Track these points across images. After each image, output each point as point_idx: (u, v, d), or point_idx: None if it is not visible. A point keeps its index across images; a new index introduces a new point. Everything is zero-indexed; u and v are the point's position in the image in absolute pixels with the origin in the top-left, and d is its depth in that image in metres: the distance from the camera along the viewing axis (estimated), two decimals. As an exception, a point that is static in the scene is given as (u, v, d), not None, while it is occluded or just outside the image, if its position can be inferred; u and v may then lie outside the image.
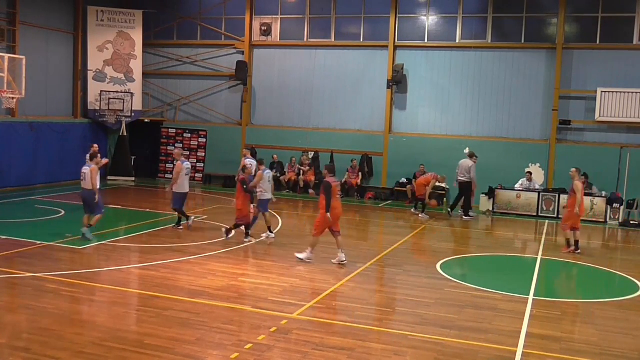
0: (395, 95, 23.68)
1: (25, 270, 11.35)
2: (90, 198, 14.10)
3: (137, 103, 25.95)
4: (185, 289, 10.56)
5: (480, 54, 22.75)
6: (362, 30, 24.26)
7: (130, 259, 12.84)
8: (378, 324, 9.44)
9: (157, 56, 27.00)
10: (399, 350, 8.16)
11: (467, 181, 19.81)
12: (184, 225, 15.83)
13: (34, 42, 22.93)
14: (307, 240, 15.33)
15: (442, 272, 12.56)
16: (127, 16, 25.88)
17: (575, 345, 8.74)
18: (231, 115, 26.14)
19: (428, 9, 23.42)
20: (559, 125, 21.71)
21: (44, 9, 23.61)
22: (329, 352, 7.99)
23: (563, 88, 21.71)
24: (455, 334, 8.88)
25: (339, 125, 24.52)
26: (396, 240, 15.79)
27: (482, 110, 22.81)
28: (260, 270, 12.21)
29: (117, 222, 16.69)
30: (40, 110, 23.22)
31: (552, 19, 22.14)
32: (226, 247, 13.99)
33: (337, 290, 10.94)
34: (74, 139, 24.20)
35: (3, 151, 21.13)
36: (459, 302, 10.53)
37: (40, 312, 9.13)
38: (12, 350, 7.63)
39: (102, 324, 8.77)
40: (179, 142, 26.62)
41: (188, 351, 7.83)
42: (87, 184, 14.03)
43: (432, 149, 22.54)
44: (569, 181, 20.72)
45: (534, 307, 10.35)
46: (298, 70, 25.06)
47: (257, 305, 9.82)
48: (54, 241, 13.66)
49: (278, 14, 25.28)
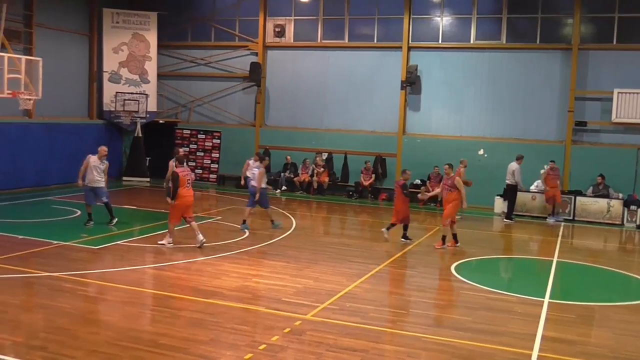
0: (409, 96, 23.63)
1: (42, 270, 11.43)
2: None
3: (151, 104, 26.10)
4: (199, 290, 10.59)
5: (494, 54, 22.65)
6: (375, 31, 24.24)
7: (144, 259, 12.90)
8: (391, 325, 9.42)
9: (172, 58, 27.14)
10: (413, 352, 8.14)
11: (512, 184, 19.71)
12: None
13: (50, 44, 23.12)
14: (319, 242, 15.38)
15: (457, 274, 12.51)
16: (141, 18, 26.03)
17: (591, 348, 8.67)
18: (245, 117, 26.21)
19: (442, 10, 23.36)
20: (575, 126, 21.56)
21: (60, 11, 23.82)
22: (342, 353, 7.98)
23: (579, 89, 21.56)
24: (469, 336, 8.83)
25: (352, 127, 24.50)
26: (410, 242, 15.74)
27: (497, 111, 22.71)
28: (274, 271, 12.22)
29: (131, 223, 16.78)
30: (56, 112, 23.41)
31: (567, 19, 22.00)
32: (240, 248, 14.02)
33: (350, 291, 10.92)
34: (89, 139, 24.27)
35: (20, 151, 21.33)
36: (473, 305, 10.48)
37: (56, 311, 9.20)
38: (28, 349, 7.69)
39: (116, 323, 8.82)
40: (194, 143, 26.74)
41: (202, 351, 7.85)
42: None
43: (446, 150, 22.40)
44: (586, 183, 20.83)
45: (549, 310, 10.28)
46: (311, 71, 25.07)
47: (270, 306, 9.83)
48: (69, 241, 13.75)
49: (292, 15, 25.32)
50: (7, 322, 8.66)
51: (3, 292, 9.97)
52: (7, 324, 8.58)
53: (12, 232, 14.41)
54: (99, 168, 15.60)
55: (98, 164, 15.61)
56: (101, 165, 15.67)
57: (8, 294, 9.88)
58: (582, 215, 20.30)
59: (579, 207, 20.35)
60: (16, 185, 21.04)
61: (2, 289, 10.12)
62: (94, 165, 15.55)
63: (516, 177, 19.62)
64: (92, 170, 15.53)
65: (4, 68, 18.47)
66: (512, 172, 19.67)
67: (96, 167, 15.57)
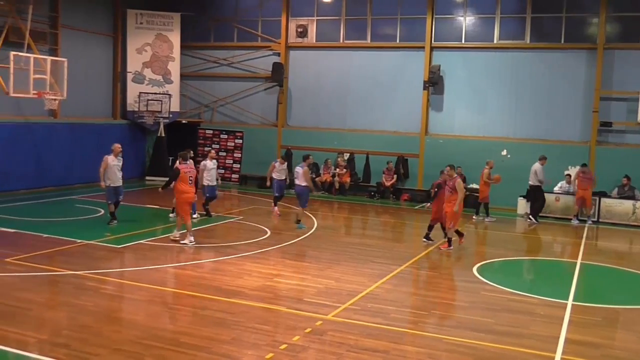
0: (431, 96, 23.52)
1: (65, 268, 11.56)
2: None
3: (174, 104, 26.29)
4: (221, 289, 10.64)
5: (518, 54, 22.46)
6: (398, 31, 24.15)
7: (167, 258, 12.99)
8: (413, 326, 9.38)
9: (195, 58, 27.30)
10: (434, 354, 8.10)
11: (534, 185, 19.59)
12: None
13: (75, 44, 23.40)
14: (340, 242, 15.37)
15: (479, 276, 12.43)
16: (165, 19, 26.22)
17: (615, 352, 8.56)
18: (267, 117, 26.28)
19: (465, 10, 23.21)
20: (600, 126, 21.29)
21: (85, 12, 24.08)
22: (363, 354, 7.96)
23: (604, 89, 21.30)
24: (491, 338, 8.77)
25: (374, 127, 24.45)
26: (432, 242, 15.67)
27: (520, 111, 22.51)
28: (296, 271, 12.24)
29: (154, 222, 16.90)
30: (81, 112, 23.67)
31: (592, 18, 21.75)
32: (262, 247, 14.06)
33: (372, 292, 10.90)
34: (113, 139, 24.36)
35: (45, 151, 21.61)
36: (496, 306, 10.40)
37: (80, 309, 9.30)
38: (52, 347, 7.78)
39: (139, 322, 8.89)
40: (216, 143, 26.87)
41: (224, 350, 7.89)
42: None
43: (469, 151, 22.27)
44: (611, 184, 20.55)
45: (573, 313, 10.16)
46: (334, 71, 25.06)
47: (292, 306, 9.85)
48: (93, 240, 13.90)
49: (314, 16, 25.33)
50: (31, 319, 8.77)
51: (28, 289, 10.11)
52: (31, 321, 8.70)
53: (37, 230, 14.61)
54: (117, 166, 15.79)
55: (116, 162, 15.78)
56: (119, 163, 15.84)
57: (33, 292, 10.01)
58: (607, 216, 20.04)
59: (604, 209, 20.09)
60: (41, 184, 21.31)
61: (27, 287, 10.26)
62: (113, 164, 15.69)
63: (539, 176, 19.45)
64: (113, 169, 15.68)
65: (29, 69, 18.77)
66: (534, 172, 19.51)
67: (116, 165, 15.74)
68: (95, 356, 7.53)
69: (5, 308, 9.11)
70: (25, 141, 21.03)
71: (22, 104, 20.66)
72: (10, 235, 14.09)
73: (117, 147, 15.94)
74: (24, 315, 8.89)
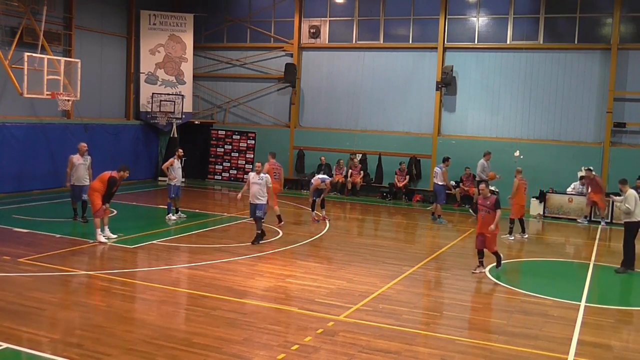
0: (444, 97, 23.45)
1: (78, 268, 11.64)
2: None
3: (187, 105, 26.37)
4: (233, 289, 10.66)
5: (531, 55, 22.35)
6: (411, 32, 24.10)
7: (179, 258, 13.04)
8: (425, 327, 9.36)
9: (207, 59, 27.38)
10: (446, 355, 8.07)
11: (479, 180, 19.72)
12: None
13: (89, 45, 23.55)
14: (352, 243, 15.35)
15: (491, 277, 12.38)
16: (178, 20, 26.32)
17: (629, 354, 8.50)
18: (280, 117, 26.31)
19: (478, 10, 23.13)
20: (614, 127, 21.15)
21: (99, 13, 24.22)
22: (375, 355, 7.95)
23: (618, 89, 21.15)
24: (503, 339, 8.73)
25: (387, 128, 24.42)
26: (444, 243, 15.63)
27: (534, 112, 22.39)
28: (307, 271, 12.24)
29: (166, 222, 16.94)
30: (94, 112, 23.80)
31: (606, 18, 21.60)
32: (274, 248, 14.08)
33: (384, 292, 10.88)
34: (126, 140, 24.86)
35: (58, 151, 21.70)
36: (508, 307, 10.35)
37: (92, 309, 9.36)
38: (65, 346, 7.83)
39: (151, 322, 8.93)
40: (228, 144, 26.94)
41: (235, 351, 7.90)
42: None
43: (481, 152, 22.07)
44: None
45: (586, 314, 10.10)
46: (346, 72, 25.05)
47: (303, 306, 9.85)
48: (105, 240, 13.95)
49: (327, 16, 25.33)
50: (45, 319, 8.84)
51: (41, 289, 10.18)
52: (44, 321, 8.76)
53: (50, 230, 14.71)
54: (84, 165, 15.93)
55: (82, 161, 15.91)
56: (85, 162, 15.95)
57: (46, 292, 10.08)
58: (620, 218, 19.81)
59: (617, 210, 19.90)
60: (54, 184, 21.40)
61: (40, 286, 10.33)
62: (78, 163, 15.84)
63: (483, 169, 19.90)
64: (78, 168, 15.81)
65: (43, 69, 18.91)
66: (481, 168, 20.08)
67: (82, 164, 15.88)
68: (107, 356, 7.57)
69: (19, 308, 9.18)
70: (39, 141, 21.17)
71: (36, 104, 20.84)
72: (24, 235, 14.19)
73: (83, 146, 16.20)
74: (37, 315, 8.95)
